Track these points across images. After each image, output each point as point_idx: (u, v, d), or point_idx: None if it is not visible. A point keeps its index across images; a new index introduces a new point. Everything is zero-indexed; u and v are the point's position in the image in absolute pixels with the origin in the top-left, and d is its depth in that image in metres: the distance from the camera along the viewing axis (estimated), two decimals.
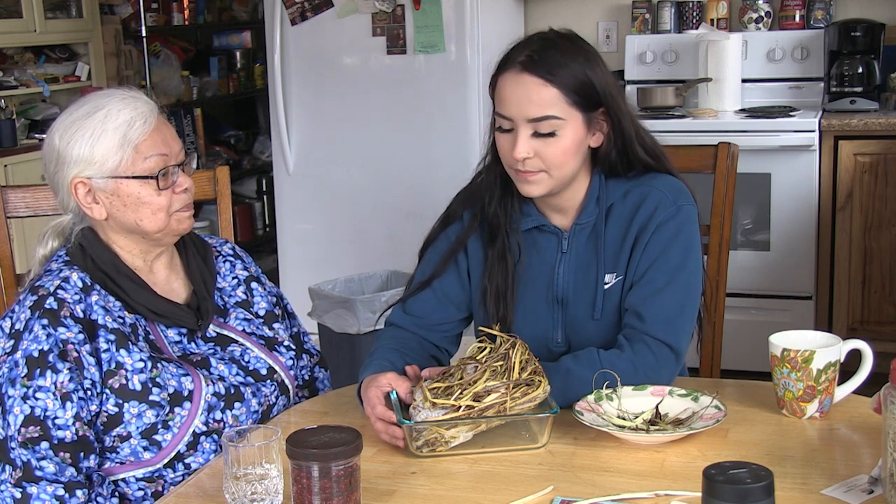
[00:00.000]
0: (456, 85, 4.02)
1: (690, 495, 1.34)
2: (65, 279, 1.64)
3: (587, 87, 1.67)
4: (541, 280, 1.79)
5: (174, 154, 1.68)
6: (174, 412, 1.63)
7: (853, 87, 3.89)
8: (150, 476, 1.64)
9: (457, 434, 1.50)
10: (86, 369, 1.59)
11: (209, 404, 1.66)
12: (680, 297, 1.70)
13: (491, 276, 1.79)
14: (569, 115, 1.67)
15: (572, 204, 1.77)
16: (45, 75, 4.76)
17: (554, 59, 1.67)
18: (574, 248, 1.77)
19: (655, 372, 1.66)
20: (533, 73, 1.66)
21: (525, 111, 1.66)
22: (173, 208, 1.68)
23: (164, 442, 1.62)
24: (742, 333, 3.62)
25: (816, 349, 1.58)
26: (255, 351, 1.78)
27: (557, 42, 1.70)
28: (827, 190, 3.71)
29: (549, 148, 1.67)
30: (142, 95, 1.70)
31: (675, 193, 1.74)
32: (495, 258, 1.78)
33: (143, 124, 1.65)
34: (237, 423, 1.69)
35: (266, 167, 5.78)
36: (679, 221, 1.72)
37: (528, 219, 1.79)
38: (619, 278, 1.74)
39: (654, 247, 1.71)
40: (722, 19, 4.25)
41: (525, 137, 1.67)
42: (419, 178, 4.10)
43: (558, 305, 1.78)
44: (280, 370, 1.79)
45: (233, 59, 6.05)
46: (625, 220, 1.74)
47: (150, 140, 1.66)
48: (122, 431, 1.61)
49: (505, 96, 1.69)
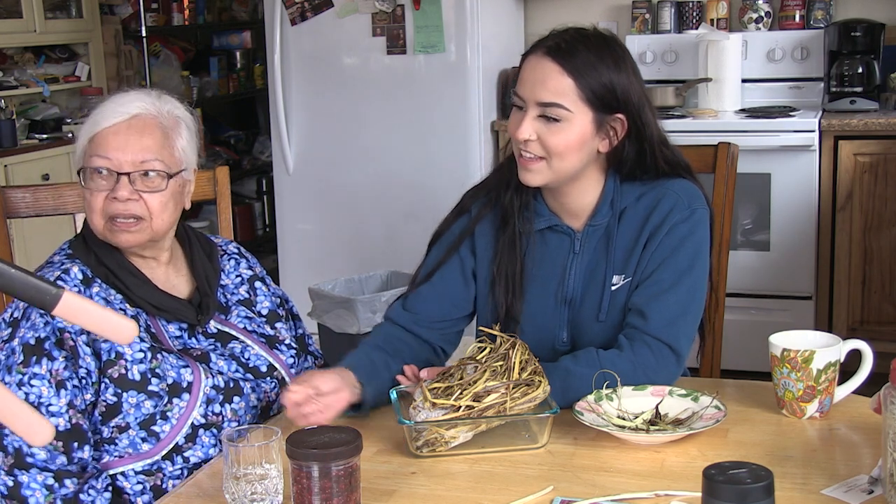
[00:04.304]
0: (456, 85, 4.02)
1: (690, 495, 1.34)
2: (65, 271, 1.65)
3: (607, 89, 1.68)
4: (552, 280, 1.78)
5: (123, 162, 1.66)
6: (172, 403, 1.63)
7: (853, 87, 3.89)
8: (148, 469, 1.64)
9: (457, 434, 1.50)
10: (81, 358, 1.59)
11: (208, 397, 1.67)
12: (684, 300, 1.70)
13: (500, 263, 1.78)
14: (578, 109, 1.67)
15: (584, 206, 1.77)
16: (45, 75, 4.76)
17: (581, 53, 1.68)
18: (586, 249, 1.77)
19: (655, 372, 1.66)
20: (555, 59, 1.68)
21: (537, 94, 1.68)
22: (106, 214, 1.66)
23: (163, 433, 1.63)
24: (742, 333, 3.62)
25: (816, 349, 1.57)
26: (256, 348, 1.78)
27: (591, 39, 1.72)
28: (827, 190, 3.71)
29: (552, 134, 1.68)
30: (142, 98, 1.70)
31: (690, 197, 1.74)
32: (506, 245, 1.78)
33: (106, 122, 1.67)
34: (236, 417, 1.69)
35: (266, 167, 5.78)
36: (691, 224, 1.72)
37: (541, 219, 1.79)
38: (626, 280, 1.74)
39: (664, 248, 1.71)
40: (722, 19, 4.25)
41: (531, 118, 1.69)
42: (419, 177, 4.10)
43: (566, 305, 1.78)
44: (280, 368, 1.79)
45: (233, 59, 6.05)
46: (638, 222, 1.74)
47: (104, 140, 1.67)
48: (120, 422, 1.61)
49: (524, 76, 1.72)
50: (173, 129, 1.71)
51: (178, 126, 1.72)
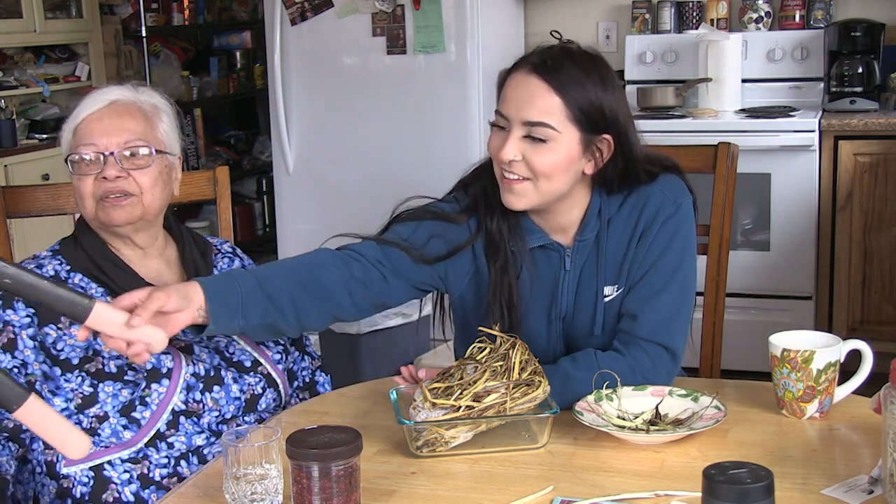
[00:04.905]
0: (456, 85, 4.02)
1: (690, 495, 1.34)
2: (38, 266, 1.72)
3: (594, 108, 1.63)
4: (543, 297, 1.76)
5: (108, 144, 1.70)
6: (151, 388, 1.66)
7: (853, 87, 3.89)
8: (134, 457, 1.66)
9: (457, 434, 1.50)
10: (19, 350, 1.65)
11: (188, 384, 1.69)
12: (676, 299, 1.70)
13: (496, 291, 1.73)
14: (566, 129, 1.63)
15: (571, 221, 1.73)
16: (45, 75, 4.76)
17: (568, 70, 1.63)
18: (576, 265, 1.74)
19: (653, 374, 1.66)
20: (542, 77, 1.62)
21: (523, 112, 1.63)
22: (97, 196, 1.71)
23: (143, 420, 1.65)
24: (742, 333, 3.62)
25: (816, 349, 1.57)
26: (241, 343, 1.79)
27: (577, 56, 1.66)
28: (827, 190, 3.71)
29: (538, 155, 1.63)
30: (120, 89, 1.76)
31: (674, 191, 1.73)
32: (498, 272, 1.74)
33: (87, 111, 1.72)
34: (217, 406, 1.71)
35: (266, 167, 5.78)
36: (678, 220, 1.71)
37: (533, 237, 1.74)
38: (619, 290, 1.73)
39: (654, 249, 1.70)
40: (722, 19, 4.25)
41: (516, 139, 1.63)
42: (419, 177, 4.09)
43: (559, 322, 1.76)
44: (266, 363, 1.80)
45: (233, 59, 6.05)
46: (627, 229, 1.72)
47: (87, 128, 1.71)
48: (98, 412, 1.64)
49: (508, 94, 1.66)
50: (154, 113, 1.77)
51: (158, 112, 1.78)
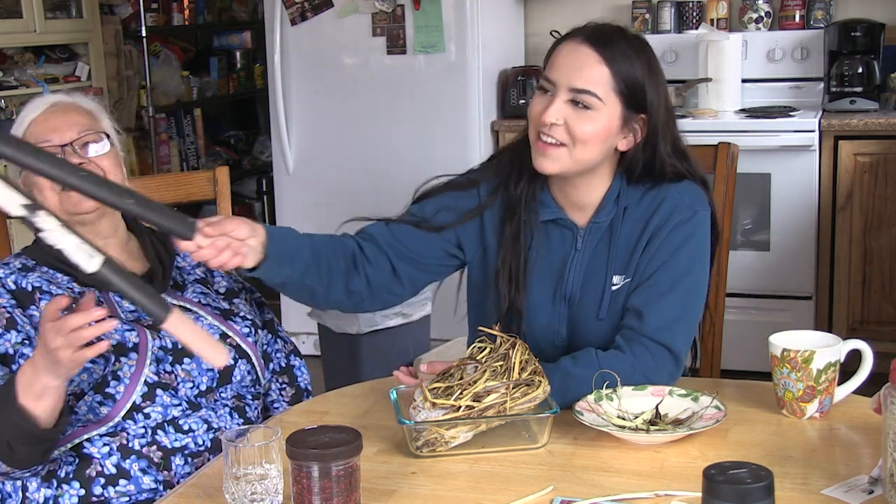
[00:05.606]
0: (456, 85, 4.02)
1: (690, 495, 1.34)
2: (5, 263, 1.76)
3: (638, 86, 1.68)
4: (551, 275, 1.78)
5: (62, 138, 1.74)
6: (121, 362, 1.68)
7: (853, 87, 3.89)
8: (112, 431, 1.67)
9: (457, 434, 1.50)
10: (20, 325, 1.67)
11: (157, 356, 1.71)
12: (683, 301, 1.70)
13: (504, 255, 1.78)
14: (610, 100, 1.67)
15: (591, 200, 1.76)
16: (45, 75, 4.76)
17: (619, 46, 1.68)
18: (587, 246, 1.76)
19: (654, 374, 1.66)
20: (594, 47, 1.68)
21: (571, 79, 1.67)
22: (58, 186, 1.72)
23: (118, 394, 1.67)
24: (742, 333, 3.62)
25: (816, 349, 1.58)
26: (209, 319, 1.80)
27: (629, 37, 1.72)
28: (827, 190, 3.71)
29: (580, 122, 1.67)
30: (55, 95, 1.83)
31: (693, 198, 1.74)
32: (510, 237, 1.78)
33: (33, 114, 1.77)
34: (190, 377, 1.73)
35: (266, 167, 5.78)
36: (693, 226, 1.72)
37: (547, 210, 1.78)
38: (626, 280, 1.74)
39: (665, 249, 1.71)
40: (722, 19, 4.25)
41: (560, 102, 1.68)
42: (419, 177, 4.07)
43: (565, 302, 1.77)
44: (235, 336, 1.81)
45: (233, 59, 6.05)
46: (641, 222, 1.74)
47: (36, 128, 1.76)
48: (75, 389, 1.66)
49: (557, 61, 1.70)
50: (94, 110, 1.83)
51: (97, 110, 1.84)
